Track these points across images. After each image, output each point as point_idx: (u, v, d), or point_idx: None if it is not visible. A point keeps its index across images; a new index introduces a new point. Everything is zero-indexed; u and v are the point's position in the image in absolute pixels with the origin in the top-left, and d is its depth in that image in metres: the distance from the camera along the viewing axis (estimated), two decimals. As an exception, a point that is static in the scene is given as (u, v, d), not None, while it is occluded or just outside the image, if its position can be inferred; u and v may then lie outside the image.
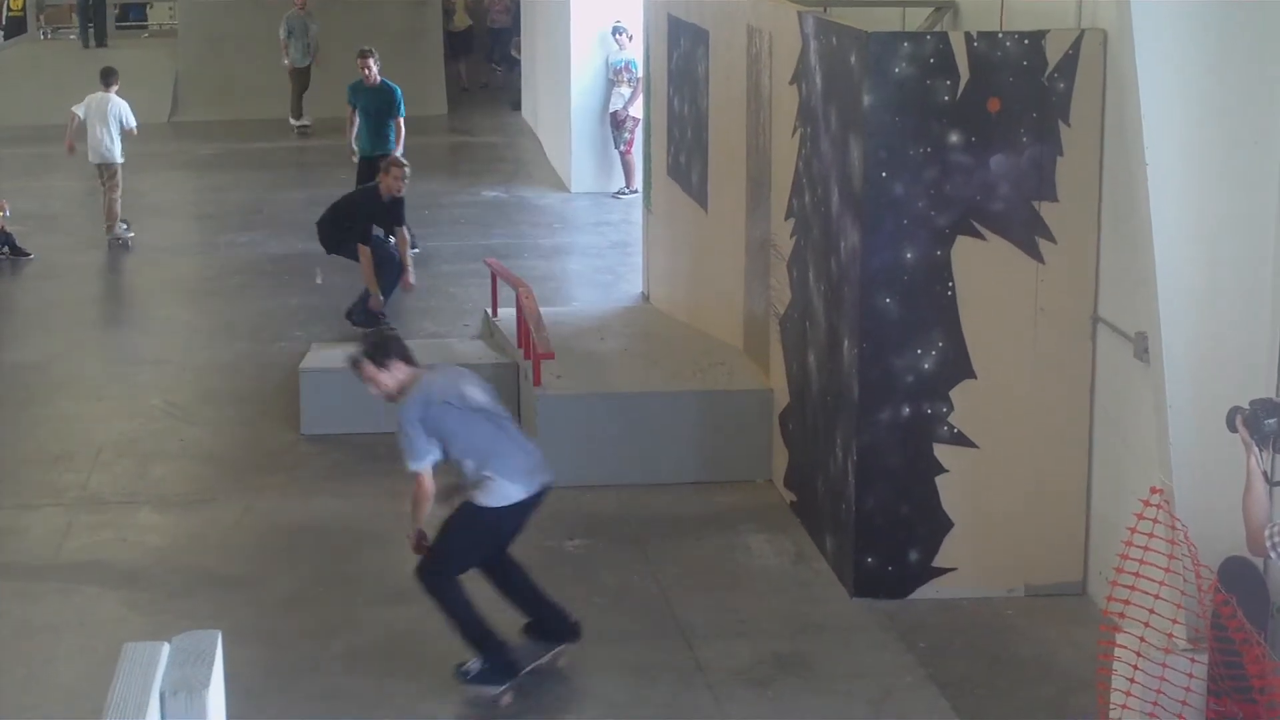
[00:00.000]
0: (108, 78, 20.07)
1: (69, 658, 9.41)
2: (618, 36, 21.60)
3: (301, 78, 27.79)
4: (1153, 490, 7.95)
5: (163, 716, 4.62)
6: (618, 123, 21.61)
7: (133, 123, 19.89)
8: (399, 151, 17.87)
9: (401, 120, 18.70)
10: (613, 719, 8.75)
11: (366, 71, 18.73)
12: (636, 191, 20.42)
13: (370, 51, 18.91)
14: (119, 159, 19.80)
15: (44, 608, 10.10)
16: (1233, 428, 7.07)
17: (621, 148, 21.66)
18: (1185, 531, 7.78)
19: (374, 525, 11.27)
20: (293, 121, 27.77)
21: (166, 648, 4.73)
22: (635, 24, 19.26)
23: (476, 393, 8.99)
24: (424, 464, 8.79)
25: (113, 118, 19.74)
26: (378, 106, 18.69)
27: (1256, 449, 6.93)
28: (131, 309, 16.98)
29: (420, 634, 9.63)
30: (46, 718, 8.79)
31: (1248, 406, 7.00)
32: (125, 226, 19.86)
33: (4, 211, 18.76)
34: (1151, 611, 7.83)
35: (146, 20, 35.35)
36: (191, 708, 4.61)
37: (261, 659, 9.21)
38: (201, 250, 19.74)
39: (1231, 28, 7.71)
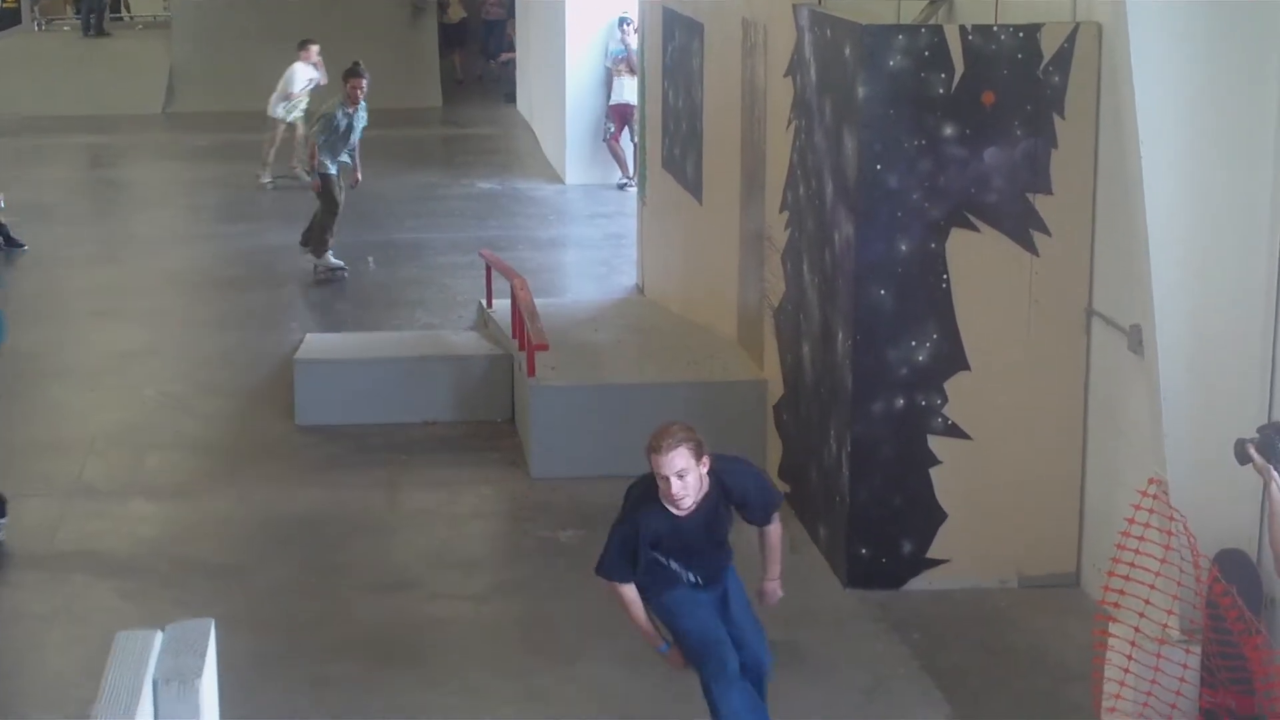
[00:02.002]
0: (299, 46, 22.80)
1: (61, 646, 9.41)
2: (624, 27, 21.59)
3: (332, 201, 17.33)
4: (1150, 480, 7.95)
5: (155, 705, 4.61)
6: (624, 114, 21.47)
7: (292, 88, 22.49)
8: None
9: None
10: (606, 707, 8.75)
11: None
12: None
13: None
14: (277, 115, 22.52)
15: (36, 596, 10.09)
16: (1244, 459, 6.94)
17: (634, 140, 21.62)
18: (1184, 522, 7.78)
19: (366, 515, 11.28)
20: (331, 260, 17.49)
21: (159, 636, 4.73)
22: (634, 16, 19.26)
23: None
24: None
25: (282, 80, 22.60)
26: None
27: (1276, 475, 6.81)
28: (125, 299, 16.95)
29: (412, 623, 9.64)
30: (39, 706, 8.79)
31: (1256, 434, 6.92)
32: (270, 181, 22.33)
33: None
34: (1147, 602, 7.83)
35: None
36: (184, 697, 4.61)
37: (254, 648, 9.20)
38: (196, 241, 19.73)
39: (1226, 21, 7.72)
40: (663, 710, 8.66)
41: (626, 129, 21.54)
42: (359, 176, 17.83)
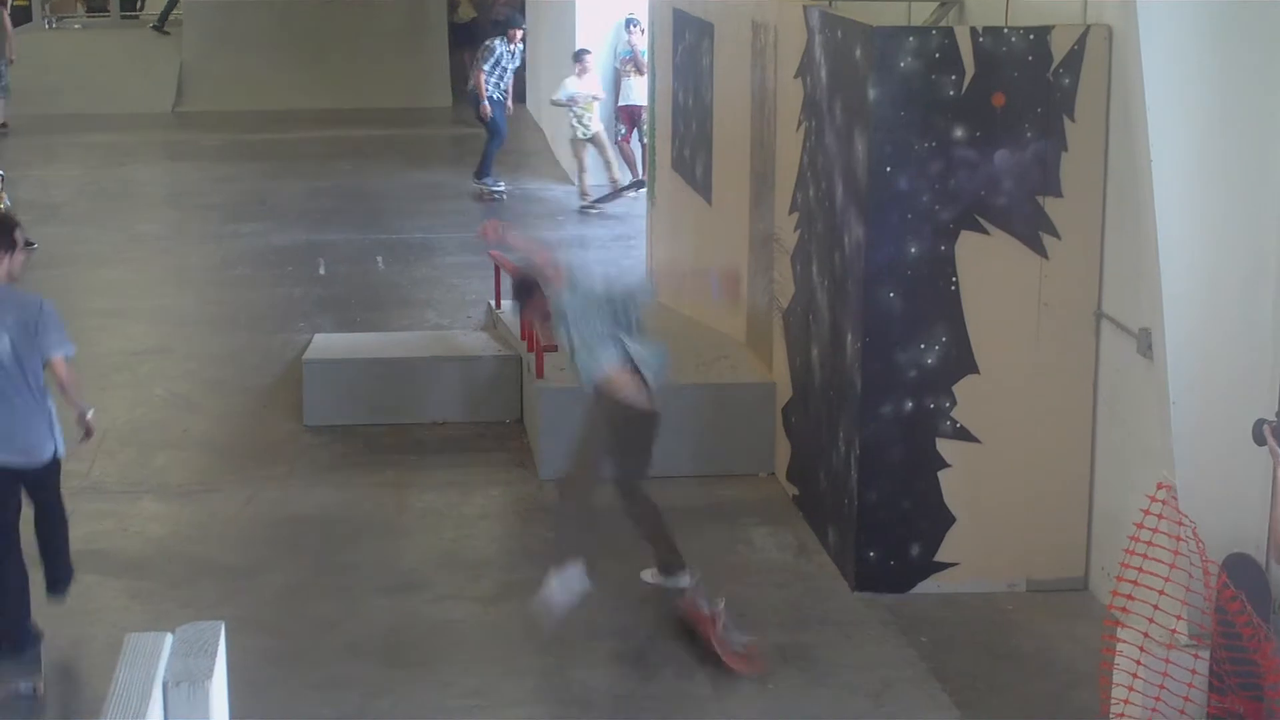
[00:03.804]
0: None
1: (70, 646, 9.41)
2: (631, 28, 21.60)
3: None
4: (1159, 485, 7.94)
5: (165, 708, 4.61)
6: (632, 115, 21.48)
7: (555, 96, 21.57)
8: None
9: None
10: (613, 709, 8.76)
11: None
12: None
13: None
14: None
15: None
16: (1261, 440, 6.99)
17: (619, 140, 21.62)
18: (1194, 528, 7.78)
19: (376, 516, 11.28)
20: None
21: (169, 638, 4.73)
22: (644, 17, 19.23)
23: None
24: None
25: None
26: None
27: None
28: (134, 299, 16.96)
29: (421, 624, 9.64)
30: (48, 707, 8.79)
31: (1276, 418, 6.95)
32: (589, 203, 21.09)
33: (4, 202, 18.75)
34: (1156, 608, 7.82)
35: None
36: (194, 699, 4.60)
37: (263, 649, 9.22)
38: (205, 240, 19.74)
39: (1237, 23, 7.71)
40: (670, 713, 8.66)
41: (635, 130, 21.53)
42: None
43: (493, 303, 14.69)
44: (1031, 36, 9.43)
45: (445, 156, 25.18)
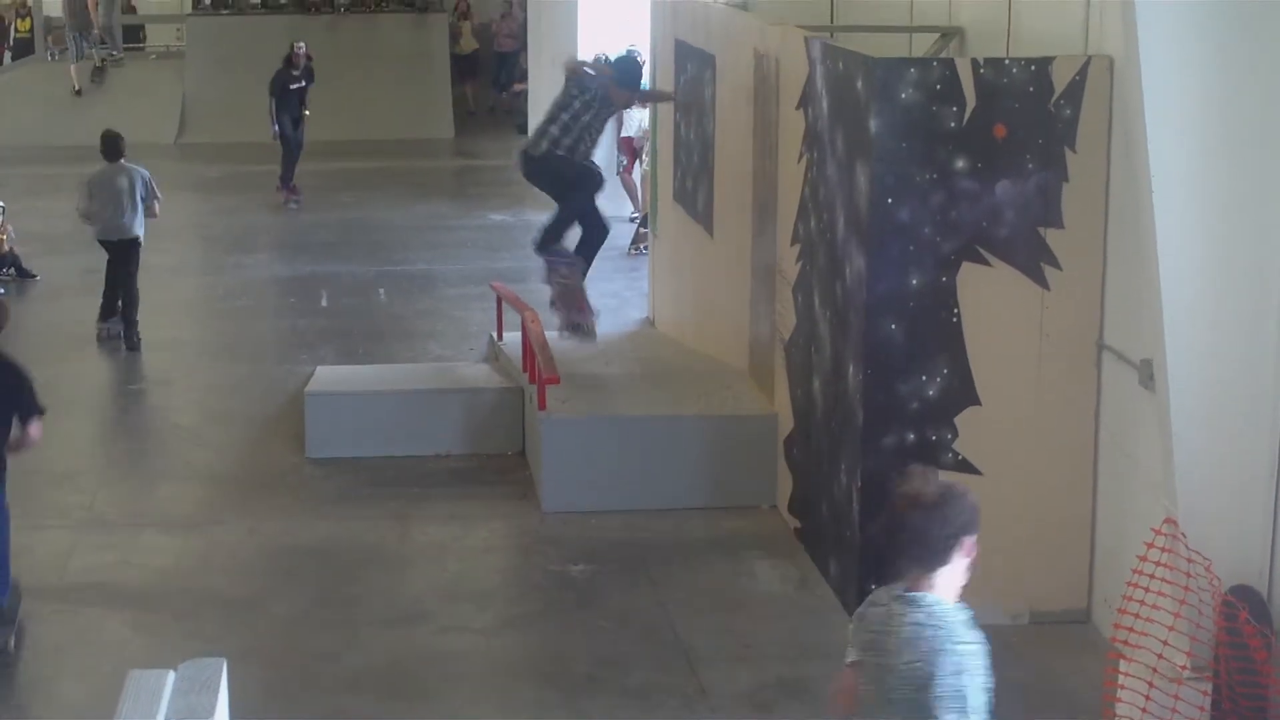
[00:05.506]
0: None
1: (73, 679, 9.41)
2: None
3: None
4: (1166, 520, 7.92)
5: (167, 743, 4.62)
6: (632, 149, 21.49)
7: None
8: None
9: None
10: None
11: None
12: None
13: None
14: None
15: (48, 628, 10.08)
16: None
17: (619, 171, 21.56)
18: (1209, 564, 7.75)
19: (378, 548, 11.27)
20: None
21: (171, 676, 4.74)
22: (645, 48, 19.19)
23: None
24: None
25: None
26: None
27: None
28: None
29: (424, 656, 9.63)
30: None
31: None
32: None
33: (8, 233, 18.79)
34: (1165, 643, 7.79)
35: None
36: (196, 734, 4.61)
37: (265, 680, 9.20)
38: (207, 271, 19.77)
39: (1238, 55, 7.71)
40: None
41: (638, 162, 21.53)
42: None
43: (494, 334, 14.69)
44: (1033, 67, 9.45)
45: (447, 188, 25.18)
